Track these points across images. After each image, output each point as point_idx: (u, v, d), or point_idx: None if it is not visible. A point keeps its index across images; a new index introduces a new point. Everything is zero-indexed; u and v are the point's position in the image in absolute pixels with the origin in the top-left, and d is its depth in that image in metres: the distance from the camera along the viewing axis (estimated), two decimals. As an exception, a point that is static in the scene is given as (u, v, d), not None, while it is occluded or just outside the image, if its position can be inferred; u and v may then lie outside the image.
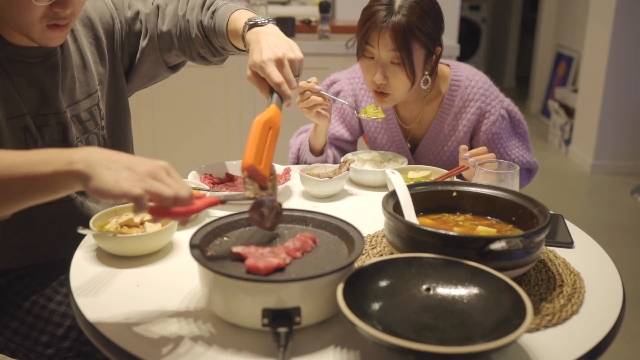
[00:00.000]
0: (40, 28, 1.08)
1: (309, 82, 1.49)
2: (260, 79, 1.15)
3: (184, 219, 0.86)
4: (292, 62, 1.14)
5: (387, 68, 1.49)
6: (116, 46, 1.36)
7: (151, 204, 0.82)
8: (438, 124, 1.64)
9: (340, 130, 1.74)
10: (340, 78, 1.74)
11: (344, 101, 1.59)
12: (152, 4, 1.39)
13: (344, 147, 1.77)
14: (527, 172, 1.70)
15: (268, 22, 1.24)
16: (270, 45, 1.14)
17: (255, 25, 1.22)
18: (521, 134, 1.68)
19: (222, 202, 0.94)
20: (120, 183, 0.78)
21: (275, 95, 1.10)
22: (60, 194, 0.83)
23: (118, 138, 1.41)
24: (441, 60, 1.64)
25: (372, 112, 1.58)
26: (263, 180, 0.96)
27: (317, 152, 1.64)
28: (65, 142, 1.23)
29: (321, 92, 1.49)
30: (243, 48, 1.28)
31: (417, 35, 1.45)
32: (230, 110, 3.25)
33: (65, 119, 1.22)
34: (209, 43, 1.36)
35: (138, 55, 1.39)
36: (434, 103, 1.64)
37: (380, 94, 1.53)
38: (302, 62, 1.16)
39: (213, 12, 1.33)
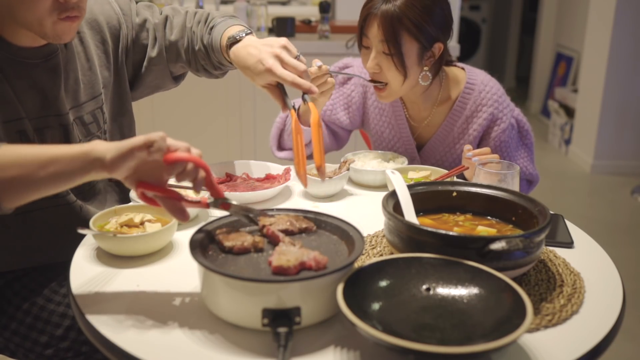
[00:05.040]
0: (51, 21, 1.08)
1: (319, 66, 1.36)
2: (273, 87, 1.22)
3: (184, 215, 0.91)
4: (285, 48, 1.20)
5: (380, 58, 1.47)
6: (121, 51, 1.36)
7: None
8: (448, 125, 1.62)
9: (341, 116, 1.70)
10: (353, 64, 1.70)
11: (354, 75, 1.59)
12: (161, 13, 1.41)
13: (339, 132, 1.75)
14: (528, 183, 1.68)
15: (245, 35, 1.28)
16: (261, 49, 1.21)
17: (235, 42, 1.27)
18: (527, 145, 1.66)
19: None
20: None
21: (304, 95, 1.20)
22: (78, 179, 0.88)
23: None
24: (457, 63, 1.62)
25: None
26: (323, 174, 1.15)
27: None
28: (66, 144, 1.22)
29: (332, 73, 1.40)
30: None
31: (407, 26, 1.41)
32: (230, 111, 3.24)
33: (67, 121, 1.22)
34: (209, 58, 1.37)
35: (145, 64, 1.40)
36: (445, 105, 1.62)
37: (378, 89, 1.52)
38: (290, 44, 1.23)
39: (211, 29, 1.35)
